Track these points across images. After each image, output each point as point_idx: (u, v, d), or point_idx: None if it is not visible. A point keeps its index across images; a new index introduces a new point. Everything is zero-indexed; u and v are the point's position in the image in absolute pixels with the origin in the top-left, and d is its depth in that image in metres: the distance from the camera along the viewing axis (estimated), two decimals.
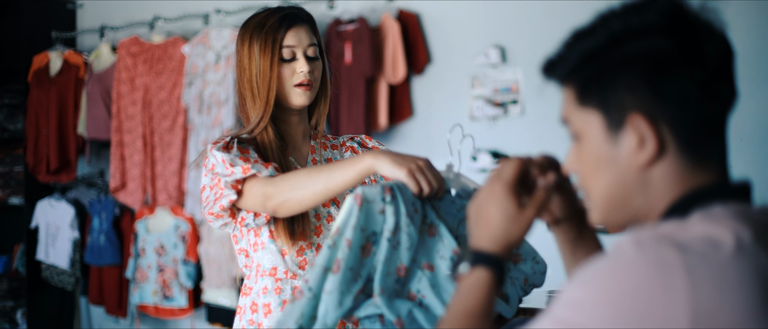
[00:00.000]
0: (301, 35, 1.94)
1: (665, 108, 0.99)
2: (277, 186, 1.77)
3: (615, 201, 1.04)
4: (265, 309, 1.93)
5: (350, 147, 2.10)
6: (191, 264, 4.61)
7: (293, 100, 1.93)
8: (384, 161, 1.64)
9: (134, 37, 4.72)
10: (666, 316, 0.89)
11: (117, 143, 4.72)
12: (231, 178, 1.81)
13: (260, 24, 1.94)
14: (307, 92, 1.94)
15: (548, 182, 1.20)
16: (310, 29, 1.97)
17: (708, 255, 0.92)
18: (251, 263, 1.97)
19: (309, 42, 1.95)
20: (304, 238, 1.92)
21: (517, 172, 1.19)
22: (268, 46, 1.91)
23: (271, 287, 1.93)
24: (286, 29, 1.93)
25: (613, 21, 1.01)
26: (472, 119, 4.11)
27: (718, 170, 1.03)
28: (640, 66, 0.99)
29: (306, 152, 2.04)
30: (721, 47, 1.00)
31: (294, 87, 1.92)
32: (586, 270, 0.95)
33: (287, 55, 1.92)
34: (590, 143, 1.04)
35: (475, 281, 1.14)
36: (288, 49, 1.92)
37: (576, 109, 1.05)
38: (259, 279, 1.95)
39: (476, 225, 1.18)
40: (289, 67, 1.92)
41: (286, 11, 1.96)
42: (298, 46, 1.93)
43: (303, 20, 1.96)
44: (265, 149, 1.92)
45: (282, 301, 1.92)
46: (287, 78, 1.92)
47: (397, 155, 1.66)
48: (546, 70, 1.08)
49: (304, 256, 1.94)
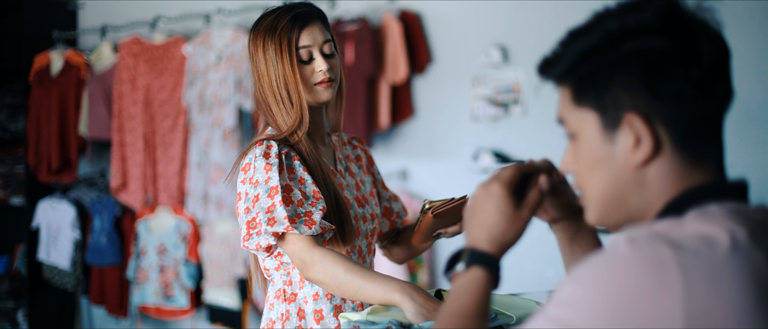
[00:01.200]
0: (315, 33, 1.90)
1: (661, 107, 0.99)
2: (315, 266, 1.76)
3: (611, 200, 1.04)
4: (316, 316, 1.91)
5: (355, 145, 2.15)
6: (192, 264, 4.62)
7: (318, 96, 1.90)
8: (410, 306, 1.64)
9: (135, 37, 4.72)
10: (660, 314, 0.89)
11: (118, 143, 4.72)
12: (271, 228, 1.77)
13: (272, 26, 1.90)
14: (329, 88, 1.90)
15: (541, 184, 1.21)
16: (322, 25, 1.93)
17: (703, 253, 0.92)
18: (293, 269, 1.93)
19: (324, 39, 1.91)
20: (352, 240, 1.93)
21: (514, 174, 1.19)
22: (284, 49, 1.88)
23: (322, 293, 1.91)
24: (300, 29, 1.89)
25: (609, 20, 1.01)
26: (474, 119, 4.11)
27: (714, 169, 1.02)
28: (636, 65, 0.99)
29: (331, 150, 2.04)
30: (717, 46, 1.00)
31: (315, 85, 1.90)
32: (580, 269, 0.95)
33: (305, 56, 1.89)
34: (586, 142, 1.04)
35: (471, 280, 1.14)
36: (305, 49, 1.89)
37: (572, 108, 1.05)
38: (307, 287, 1.92)
39: (473, 225, 1.18)
40: (307, 67, 1.89)
41: (297, 10, 1.91)
42: (314, 45, 1.89)
43: (315, 17, 1.92)
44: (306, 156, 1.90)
45: (334, 306, 1.91)
46: (308, 78, 1.89)
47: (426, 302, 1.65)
48: (542, 70, 1.08)
49: None
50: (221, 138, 4.38)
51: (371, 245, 2.03)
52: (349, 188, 2.01)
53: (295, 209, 1.80)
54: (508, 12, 4.08)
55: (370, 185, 2.09)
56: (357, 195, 2.01)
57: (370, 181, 2.11)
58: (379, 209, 2.06)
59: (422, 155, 4.20)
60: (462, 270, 1.15)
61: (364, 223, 1.98)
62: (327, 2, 4.33)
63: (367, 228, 2.00)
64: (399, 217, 2.19)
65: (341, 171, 2.03)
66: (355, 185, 2.04)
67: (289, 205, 1.79)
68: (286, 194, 1.81)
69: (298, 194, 1.82)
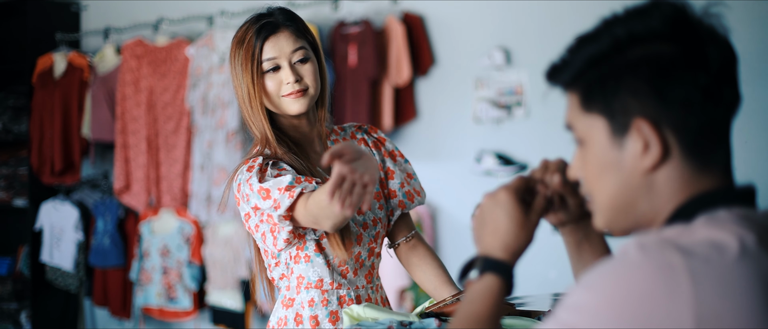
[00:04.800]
0: (281, 44, 1.86)
1: (669, 113, 0.99)
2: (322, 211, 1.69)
3: (619, 206, 1.04)
4: (312, 322, 1.91)
5: (361, 140, 2.06)
6: (195, 265, 4.62)
7: (288, 109, 1.87)
8: None
9: (138, 39, 4.72)
10: (670, 320, 0.89)
11: (121, 144, 4.72)
12: (279, 212, 1.76)
13: (241, 39, 1.87)
14: (300, 98, 1.86)
15: (547, 189, 1.22)
16: (293, 32, 1.88)
17: (712, 259, 0.92)
18: (291, 274, 1.93)
19: (292, 48, 1.86)
20: (352, 247, 1.90)
21: (519, 182, 1.20)
22: (248, 62, 1.85)
23: (317, 299, 1.91)
24: (263, 41, 1.85)
25: (616, 26, 1.01)
26: (477, 121, 4.11)
27: (722, 174, 1.03)
28: (644, 71, 0.99)
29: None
30: (724, 52, 1.01)
31: (283, 97, 1.86)
32: (590, 274, 0.96)
33: (270, 67, 1.86)
34: (594, 148, 1.05)
35: (484, 287, 1.14)
36: (269, 62, 1.86)
37: (580, 114, 1.05)
38: (303, 291, 1.92)
39: (484, 234, 1.19)
40: (275, 78, 1.86)
41: (264, 20, 1.87)
42: (280, 56, 1.86)
43: (283, 25, 1.88)
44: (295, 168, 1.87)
45: (330, 312, 1.91)
46: (274, 90, 1.86)
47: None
48: (550, 76, 1.08)
49: (346, 266, 1.94)
50: (224, 140, 4.38)
51: (374, 250, 2.00)
52: None
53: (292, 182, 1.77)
54: (511, 14, 4.08)
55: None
56: None
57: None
58: (382, 213, 2.01)
59: (425, 157, 4.21)
60: (476, 278, 1.16)
61: (365, 230, 1.96)
62: (330, 4, 4.33)
63: (369, 235, 1.97)
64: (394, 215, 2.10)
65: None
66: None
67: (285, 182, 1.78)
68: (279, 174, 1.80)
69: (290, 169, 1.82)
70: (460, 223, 4.12)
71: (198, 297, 4.66)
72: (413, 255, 2.08)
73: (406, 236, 2.08)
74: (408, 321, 1.63)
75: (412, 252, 2.08)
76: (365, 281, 1.99)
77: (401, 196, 2.04)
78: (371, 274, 2.01)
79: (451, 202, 4.21)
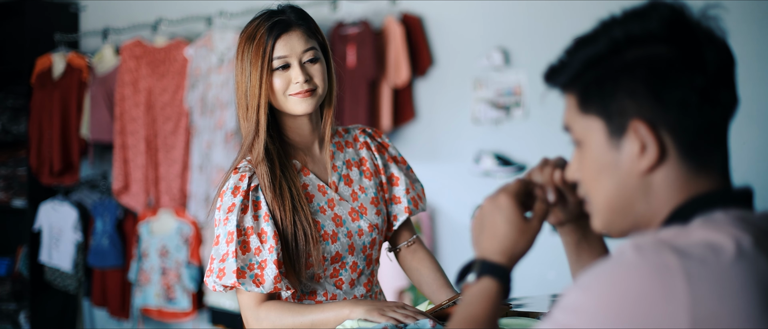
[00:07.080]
0: (293, 43, 1.84)
1: (666, 115, 0.99)
2: (260, 323, 1.80)
3: (617, 207, 1.05)
4: None
5: (364, 143, 2.04)
6: (194, 266, 4.62)
7: (293, 108, 1.85)
8: (361, 310, 1.72)
9: (137, 40, 4.72)
10: (666, 321, 0.89)
11: (120, 145, 4.73)
12: (220, 281, 1.78)
13: (251, 35, 1.85)
14: (307, 99, 1.84)
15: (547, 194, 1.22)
16: (305, 32, 1.86)
17: (708, 260, 0.92)
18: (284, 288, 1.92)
19: (303, 48, 1.85)
20: (310, 266, 1.87)
21: (520, 186, 1.20)
22: (259, 59, 1.82)
23: None
24: (276, 39, 1.83)
25: (614, 28, 1.02)
26: (475, 122, 4.11)
27: (719, 176, 1.03)
28: (642, 73, 1.00)
29: (325, 159, 1.96)
30: (721, 54, 1.01)
31: (290, 96, 1.84)
32: (587, 275, 0.96)
33: (280, 65, 1.84)
34: (592, 149, 1.05)
35: (481, 290, 1.15)
36: (280, 60, 1.83)
37: (578, 116, 1.06)
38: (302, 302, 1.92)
39: (483, 237, 1.19)
40: (283, 76, 1.84)
41: (277, 18, 1.85)
42: (291, 54, 1.84)
43: (295, 24, 1.86)
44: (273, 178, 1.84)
45: None
46: (281, 88, 1.84)
47: (373, 303, 1.73)
48: (548, 78, 1.09)
49: (339, 276, 1.92)
50: (223, 141, 4.38)
51: (371, 257, 1.97)
52: (342, 202, 1.93)
53: (249, 259, 1.79)
54: (510, 15, 4.08)
55: (373, 190, 2.00)
56: (353, 207, 1.94)
57: (375, 185, 2.01)
58: (379, 219, 1.98)
59: (424, 158, 4.21)
60: (473, 281, 1.16)
61: (360, 237, 1.93)
62: (329, 5, 4.34)
63: (364, 242, 1.94)
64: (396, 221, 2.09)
65: (335, 183, 1.95)
66: (352, 195, 1.96)
67: (245, 253, 1.78)
68: (244, 239, 1.79)
69: (256, 241, 1.80)
70: (459, 223, 4.13)
71: (197, 297, 4.66)
72: (413, 259, 2.09)
73: (407, 241, 2.09)
74: (402, 323, 1.63)
75: (412, 256, 2.09)
76: (364, 289, 1.97)
77: (406, 202, 2.04)
78: (371, 281, 2.00)
79: (450, 202, 4.21)
